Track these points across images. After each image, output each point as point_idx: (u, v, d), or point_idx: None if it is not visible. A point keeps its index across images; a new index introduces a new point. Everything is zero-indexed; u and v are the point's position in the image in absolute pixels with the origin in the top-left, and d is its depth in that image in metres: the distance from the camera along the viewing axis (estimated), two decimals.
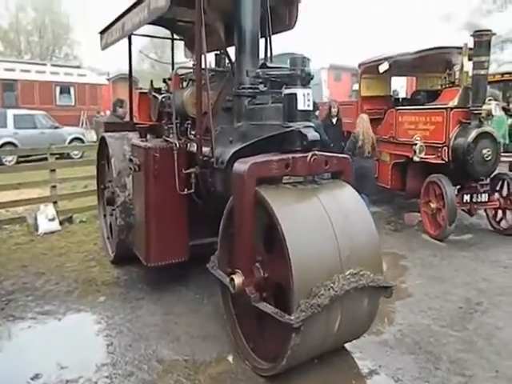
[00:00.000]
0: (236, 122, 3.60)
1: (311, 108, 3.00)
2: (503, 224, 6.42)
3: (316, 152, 2.94)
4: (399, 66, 7.72)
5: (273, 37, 4.39)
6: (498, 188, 6.45)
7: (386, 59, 7.13)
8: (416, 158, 6.20)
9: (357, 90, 9.18)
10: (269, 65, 3.64)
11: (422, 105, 6.98)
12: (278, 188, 2.85)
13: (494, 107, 5.70)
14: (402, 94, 15.26)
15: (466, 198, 6.14)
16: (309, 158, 2.87)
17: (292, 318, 2.43)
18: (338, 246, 2.68)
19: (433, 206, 6.14)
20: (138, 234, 4.23)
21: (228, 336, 3.30)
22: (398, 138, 7.29)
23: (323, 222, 2.72)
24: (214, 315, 3.71)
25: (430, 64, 7.65)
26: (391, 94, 8.66)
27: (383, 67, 7.00)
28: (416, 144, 6.17)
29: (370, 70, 7.78)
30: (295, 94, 2.90)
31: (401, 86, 16.57)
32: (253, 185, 2.74)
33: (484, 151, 5.83)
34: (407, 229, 6.62)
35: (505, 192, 6.36)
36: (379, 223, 6.93)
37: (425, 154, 6.23)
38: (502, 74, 15.05)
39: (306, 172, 2.93)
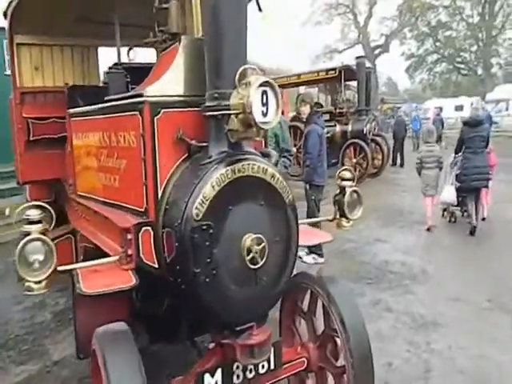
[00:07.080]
0: None
1: None
2: None
3: None
4: None
5: None
6: (296, 320, 2.56)
7: None
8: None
9: None
10: None
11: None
12: None
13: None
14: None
15: (217, 379, 1.98)
16: None
17: None
18: None
19: None
20: None
21: None
22: (78, 192, 2.89)
23: None
24: None
25: None
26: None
27: None
28: None
29: None
30: None
31: None
32: None
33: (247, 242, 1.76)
34: None
35: (319, 325, 2.42)
36: None
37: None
38: (327, 71, 12.37)
39: None
